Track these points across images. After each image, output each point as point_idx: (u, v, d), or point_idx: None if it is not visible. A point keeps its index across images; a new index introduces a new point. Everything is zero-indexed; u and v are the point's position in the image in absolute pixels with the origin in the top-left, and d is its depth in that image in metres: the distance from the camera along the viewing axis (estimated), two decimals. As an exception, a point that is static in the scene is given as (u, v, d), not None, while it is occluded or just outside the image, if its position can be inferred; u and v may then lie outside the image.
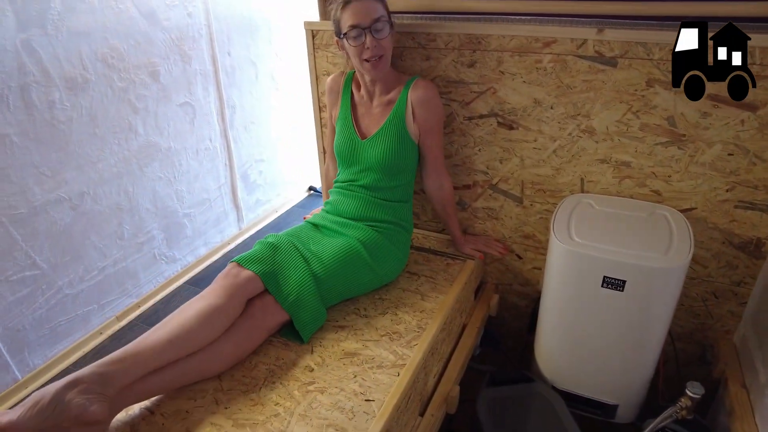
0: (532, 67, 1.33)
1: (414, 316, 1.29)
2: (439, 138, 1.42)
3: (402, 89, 1.37)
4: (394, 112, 1.36)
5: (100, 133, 1.94)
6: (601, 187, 1.39)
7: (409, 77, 1.40)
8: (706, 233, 1.33)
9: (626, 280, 1.12)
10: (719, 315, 1.42)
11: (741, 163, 1.23)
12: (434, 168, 1.43)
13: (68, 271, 1.90)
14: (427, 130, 1.37)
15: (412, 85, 1.36)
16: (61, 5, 1.73)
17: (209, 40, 2.32)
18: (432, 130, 1.38)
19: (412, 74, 1.44)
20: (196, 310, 1.08)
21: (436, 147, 1.41)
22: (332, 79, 1.49)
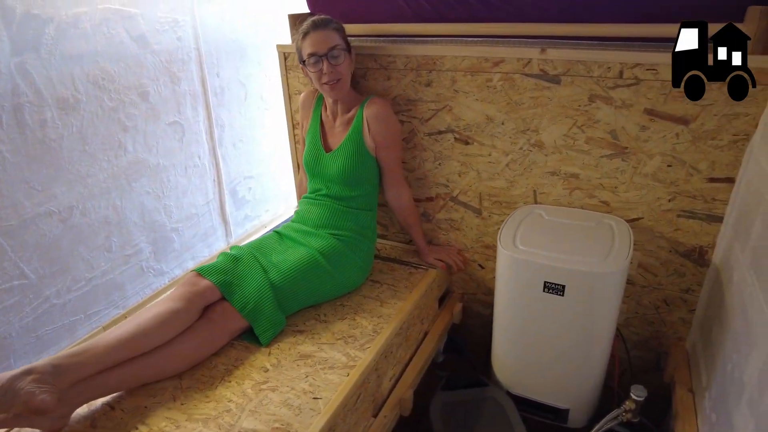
0: (484, 85, 1.41)
1: (371, 321, 1.35)
2: (395, 152, 1.49)
3: (359, 107, 1.46)
4: (353, 128, 1.45)
5: (90, 150, 2.04)
6: (553, 198, 1.46)
7: (365, 96, 1.49)
8: (654, 242, 1.39)
9: (565, 285, 1.18)
10: (671, 322, 1.46)
11: (679, 174, 1.29)
12: (392, 180, 1.51)
13: (56, 282, 1.99)
14: (381, 145, 1.45)
15: (367, 102, 1.45)
16: (55, 31, 1.85)
17: (198, 62, 2.44)
18: (386, 144, 1.46)
19: (371, 94, 1.53)
20: (153, 313, 1.15)
21: (392, 160, 1.48)
22: (305, 95, 1.59)
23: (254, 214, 2.97)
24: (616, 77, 1.27)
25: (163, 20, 2.22)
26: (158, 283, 2.43)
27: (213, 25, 2.48)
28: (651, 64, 1.22)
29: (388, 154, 1.47)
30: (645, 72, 1.23)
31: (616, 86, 1.27)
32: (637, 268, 1.43)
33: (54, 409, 0.97)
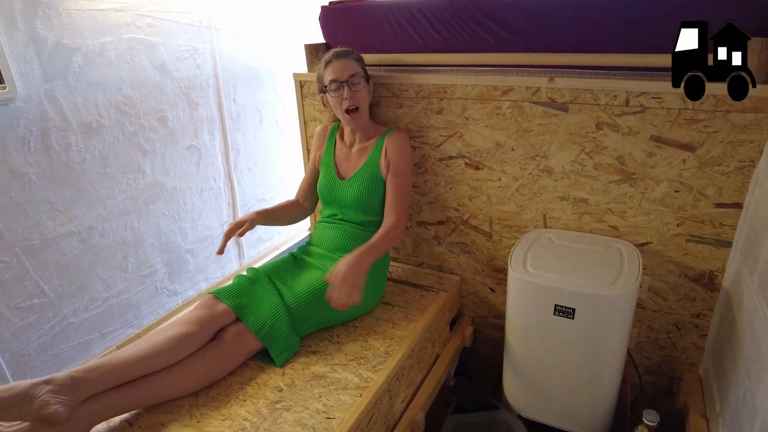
0: (493, 112, 1.45)
1: (383, 343, 1.37)
2: (404, 181, 1.50)
3: (379, 138, 1.52)
4: (370, 156, 1.50)
5: (111, 173, 2.11)
6: (563, 222, 1.48)
7: (386, 128, 1.54)
8: (664, 266, 1.40)
9: (575, 308, 1.20)
10: (683, 347, 1.46)
11: (687, 199, 1.31)
12: (392, 205, 1.49)
13: (74, 301, 2.03)
14: (393, 171, 1.49)
15: (389, 133, 1.51)
16: (83, 59, 1.94)
17: (216, 88, 2.52)
18: (398, 171, 1.49)
19: (387, 122, 1.59)
20: (169, 334, 1.19)
21: (398, 188, 1.49)
22: (322, 128, 1.66)
23: (267, 236, 3.01)
24: (623, 105, 1.30)
25: (183, 48, 2.32)
26: (172, 304, 2.47)
27: (230, 53, 2.58)
28: (656, 93, 1.26)
29: (396, 181, 1.49)
30: (651, 100, 1.27)
31: (623, 114, 1.31)
32: (647, 293, 1.44)
33: (65, 421, 1.00)
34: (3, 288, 1.77)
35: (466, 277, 1.70)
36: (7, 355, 1.80)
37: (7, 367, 1.81)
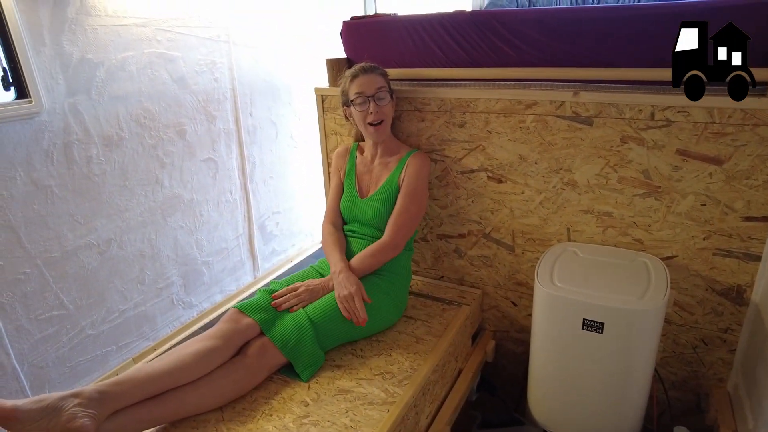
0: (516, 126, 1.46)
1: (407, 358, 1.35)
2: (410, 202, 1.47)
3: (402, 157, 1.52)
4: (391, 175, 1.51)
5: (130, 185, 2.12)
6: (587, 236, 1.47)
7: (410, 149, 1.55)
8: (690, 280, 1.39)
9: (604, 323, 1.18)
10: (710, 362, 1.44)
11: (714, 212, 1.30)
12: (391, 223, 1.48)
13: (91, 313, 2.03)
14: (403, 191, 1.48)
15: (414, 154, 1.51)
16: (105, 74, 1.97)
17: (233, 102, 2.55)
18: (407, 191, 1.48)
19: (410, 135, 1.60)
20: (194, 349, 1.19)
21: (402, 207, 1.47)
22: (343, 149, 1.67)
23: (281, 248, 3.01)
24: (648, 119, 1.30)
25: (202, 62, 2.34)
26: (187, 316, 2.46)
27: (248, 68, 2.60)
28: (682, 107, 1.26)
29: (402, 201, 1.48)
30: (676, 114, 1.27)
31: (648, 127, 1.31)
32: (673, 306, 1.43)
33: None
34: (24, 300, 1.77)
35: (488, 290, 1.69)
36: (26, 367, 1.80)
37: (26, 379, 1.81)
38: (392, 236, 1.45)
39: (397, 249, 1.46)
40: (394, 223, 1.46)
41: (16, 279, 1.74)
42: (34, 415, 0.98)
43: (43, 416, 0.98)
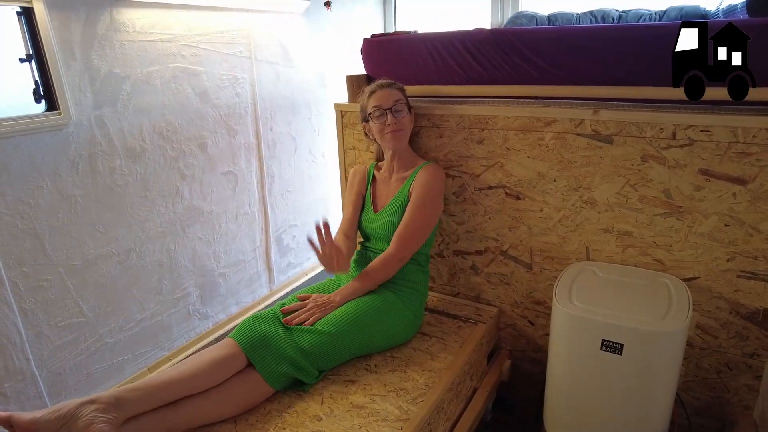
0: (535, 143, 1.45)
1: (422, 375, 1.34)
2: (418, 214, 1.46)
3: (416, 169, 1.53)
4: (402, 187, 1.51)
5: (151, 196, 2.16)
6: (606, 255, 1.45)
7: (424, 161, 1.56)
8: (713, 302, 1.36)
9: (623, 344, 1.16)
10: (735, 388, 1.40)
11: (738, 234, 1.28)
12: (396, 234, 1.47)
13: (109, 321, 2.06)
14: (411, 202, 1.48)
15: (426, 165, 1.52)
16: (131, 87, 2.02)
17: (254, 117, 2.59)
18: (415, 203, 1.47)
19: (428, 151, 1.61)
20: (211, 357, 1.20)
21: (409, 219, 1.46)
22: (362, 166, 1.69)
23: (297, 261, 3.03)
24: (669, 138, 1.29)
25: (225, 77, 2.39)
26: (203, 327, 2.48)
27: (268, 83, 2.65)
28: (705, 126, 1.24)
29: (410, 211, 1.47)
30: (699, 133, 1.26)
31: (669, 147, 1.30)
32: (695, 329, 1.40)
33: None
34: (45, 307, 1.80)
35: (504, 309, 1.67)
36: (44, 373, 1.83)
37: (44, 385, 1.83)
38: (396, 248, 1.45)
39: (402, 261, 1.45)
40: (398, 235, 1.46)
41: (38, 285, 1.78)
42: (53, 425, 0.99)
43: (61, 424, 0.99)
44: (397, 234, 1.47)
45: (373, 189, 1.63)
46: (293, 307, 1.40)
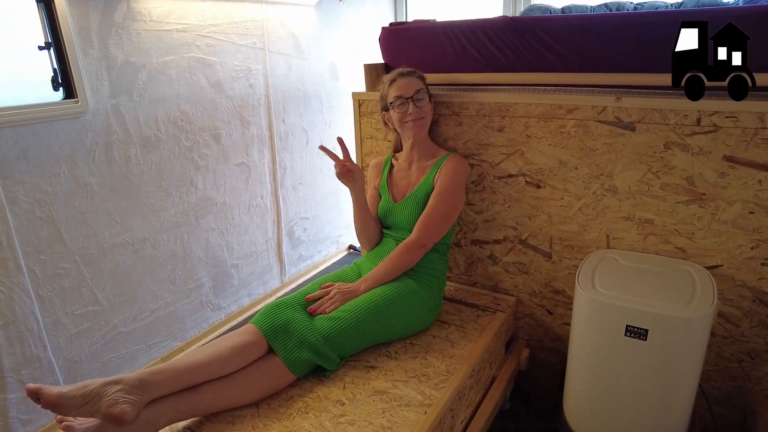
0: (557, 131, 1.45)
1: (443, 361, 1.34)
2: (442, 204, 1.46)
3: (438, 159, 1.52)
4: (427, 177, 1.51)
5: (165, 186, 2.16)
6: (627, 243, 1.45)
7: (447, 152, 1.55)
8: (735, 291, 1.35)
9: (648, 330, 1.15)
10: (758, 378, 1.39)
11: (763, 221, 1.27)
12: (420, 222, 1.46)
13: (124, 311, 2.06)
14: (436, 191, 1.48)
15: (450, 155, 1.51)
16: (147, 76, 2.02)
17: (267, 108, 2.59)
18: (440, 192, 1.47)
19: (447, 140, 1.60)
20: (232, 343, 1.20)
21: (433, 208, 1.46)
22: (377, 161, 1.70)
23: (308, 254, 3.03)
24: (694, 125, 1.28)
25: (239, 68, 2.39)
26: (215, 318, 2.48)
27: (281, 75, 2.65)
28: (730, 112, 1.23)
29: (435, 200, 1.46)
30: (724, 119, 1.25)
31: (694, 133, 1.29)
32: (717, 318, 1.39)
33: (132, 421, 1.01)
34: (62, 295, 1.81)
35: (522, 298, 1.66)
36: (61, 360, 1.83)
37: (60, 372, 1.84)
38: (419, 235, 1.44)
39: (424, 248, 1.45)
40: (422, 222, 1.46)
41: (55, 273, 1.78)
42: (78, 401, 1.00)
43: (86, 402, 1.00)
44: (420, 221, 1.46)
45: (390, 179, 1.62)
46: (317, 295, 1.40)
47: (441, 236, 1.48)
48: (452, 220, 1.50)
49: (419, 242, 1.44)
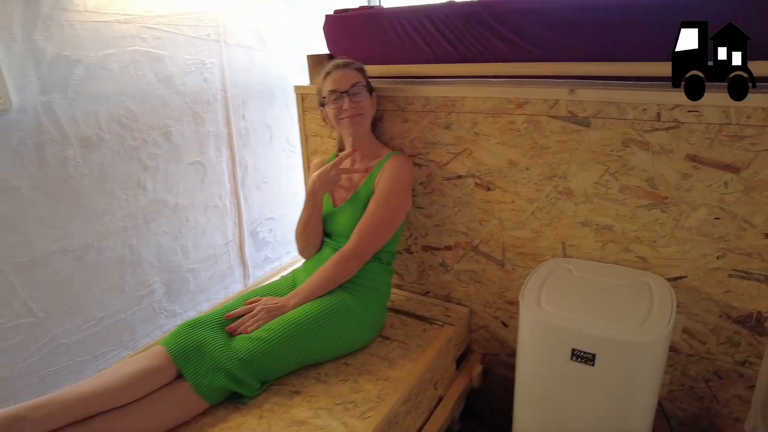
0: (506, 128, 1.31)
1: (375, 385, 1.21)
2: (382, 209, 1.34)
3: (381, 160, 1.39)
4: (368, 179, 1.38)
5: (109, 189, 2.03)
6: (584, 251, 1.31)
7: (392, 151, 1.42)
8: (701, 304, 1.22)
9: (596, 354, 1.02)
10: (726, 400, 1.26)
11: (729, 228, 1.13)
12: (356, 230, 1.34)
13: (65, 321, 1.94)
14: (375, 196, 1.35)
15: (393, 155, 1.38)
16: (84, 72, 1.89)
17: (224, 103, 2.45)
18: (379, 197, 1.35)
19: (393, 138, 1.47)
20: (133, 368, 1.08)
21: (371, 214, 1.34)
22: (319, 160, 1.57)
23: (274, 255, 2.90)
24: (653, 120, 1.14)
25: (191, 62, 2.25)
26: (170, 325, 2.36)
27: (242, 68, 2.51)
28: (693, 106, 1.10)
29: (371, 208, 1.34)
30: (686, 114, 1.11)
31: (654, 129, 1.15)
32: (682, 334, 1.26)
33: None
34: (-14, 307, 1.69)
35: (476, 309, 1.53)
36: (-13, 378, 1.72)
37: (-13, 391, 1.72)
38: (355, 244, 1.32)
39: (361, 258, 1.32)
40: (358, 229, 1.33)
41: (-23, 285, 1.66)
42: None
43: None
44: (357, 229, 1.33)
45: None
46: (239, 312, 1.27)
47: (381, 245, 1.35)
48: (394, 227, 1.37)
49: (355, 252, 1.31)
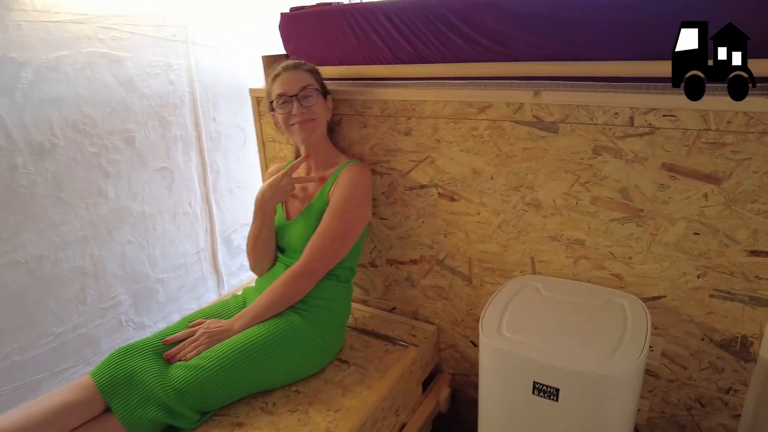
0: (469, 134, 1.20)
1: (326, 417, 1.11)
2: (336, 220, 1.23)
3: (338, 169, 1.29)
4: (322, 190, 1.27)
5: (66, 197, 1.93)
6: (555, 268, 1.21)
7: (348, 159, 1.31)
8: (681, 327, 1.11)
9: (560, 388, 0.92)
10: (709, 428, 1.15)
11: (711, 244, 1.03)
12: (309, 244, 1.24)
13: (18, 337, 1.84)
14: (329, 208, 1.25)
15: (350, 164, 1.28)
16: (34, 75, 1.78)
17: (192, 106, 2.35)
18: (333, 207, 1.24)
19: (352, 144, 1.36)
20: (52, 403, 0.97)
21: (325, 225, 1.23)
22: (275, 167, 1.47)
23: (249, 264, 2.81)
24: (626, 125, 1.04)
25: (155, 64, 2.15)
26: (138, 337, 2.26)
27: (212, 70, 2.40)
28: (669, 110, 0.99)
29: (325, 220, 1.24)
30: (661, 119, 1.00)
31: (626, 135, 1.04)
32: (661, 358, 1.15)
33: None
34: (-75, 326, 1.60)
35: (444, 327, 1.43)
36: (-70, 402, 1.62)
37: (-69, 415, 1.63)
38: (307, 260, 1.21)
39: (314, 276, 1.21)
40: (311, 245, 1.22)
41: None
42: None
43: None
44: (309, 244, 1.23)
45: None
46: (179, 336, 1.17)
47: (336, 261, 1.25)
48: (350, 242, 1.26)
49: (306, 269, 1.21)
